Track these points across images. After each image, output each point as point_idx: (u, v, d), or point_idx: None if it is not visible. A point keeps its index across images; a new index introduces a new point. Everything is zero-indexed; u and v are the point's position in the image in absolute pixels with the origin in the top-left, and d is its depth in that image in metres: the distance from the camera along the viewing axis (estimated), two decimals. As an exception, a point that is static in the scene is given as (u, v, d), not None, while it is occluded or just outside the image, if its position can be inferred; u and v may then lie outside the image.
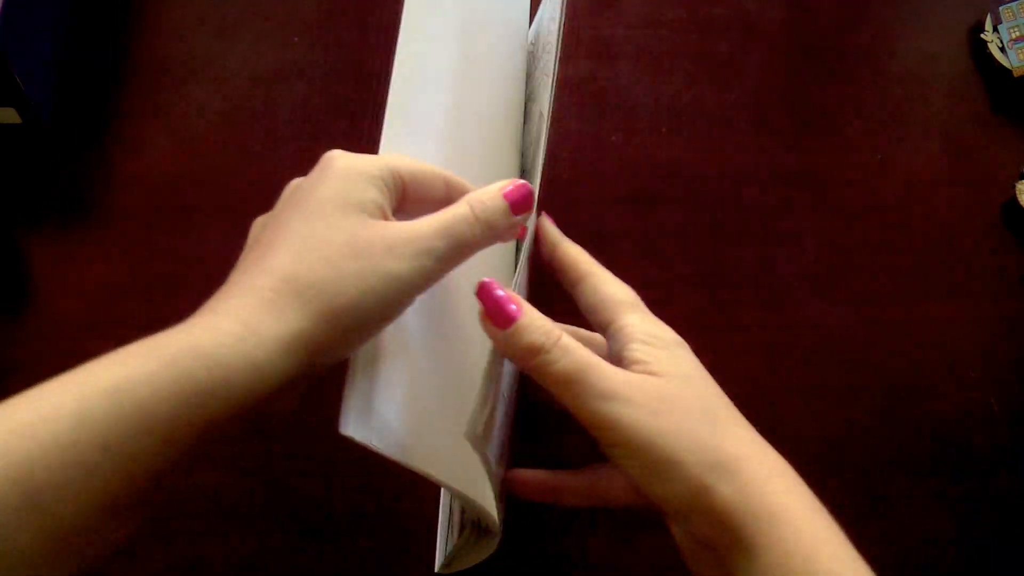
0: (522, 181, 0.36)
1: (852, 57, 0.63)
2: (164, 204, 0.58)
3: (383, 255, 0.32)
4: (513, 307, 0.34)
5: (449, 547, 0.48)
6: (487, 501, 0.39)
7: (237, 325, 0.30)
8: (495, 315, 0.34)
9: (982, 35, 0.62)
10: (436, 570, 0.48)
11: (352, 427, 0.32)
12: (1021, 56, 0.60)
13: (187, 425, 0.28)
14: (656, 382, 0.34)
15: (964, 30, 0.63)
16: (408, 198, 0.36)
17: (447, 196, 0.36)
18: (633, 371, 0.35)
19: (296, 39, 0.62)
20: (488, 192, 0.35)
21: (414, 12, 0.42)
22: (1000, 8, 0.61)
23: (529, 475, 0.40)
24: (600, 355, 0.35)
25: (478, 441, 0.34)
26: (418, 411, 0.35)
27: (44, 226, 0.57)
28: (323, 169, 0.34)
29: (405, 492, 0.51)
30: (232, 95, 0.61)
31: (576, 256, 0.40)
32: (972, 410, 0.54)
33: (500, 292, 0.34)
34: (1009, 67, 0.60)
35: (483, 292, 0.35)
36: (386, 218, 0.34)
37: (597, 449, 0.35)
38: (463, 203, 0.35)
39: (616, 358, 0.37)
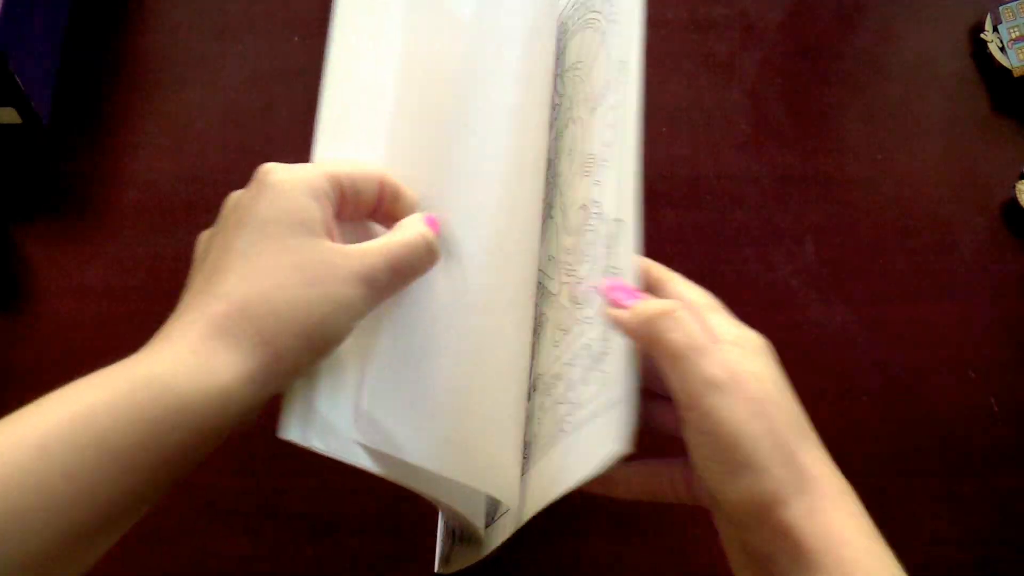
0: (428, 215, 0.38)
1: (852, 57, 0.63)
2: (164, 204, 0.57)
3: (333, 282, 0.33)
4: (633, 291, 0.36)
5: (443, 548, 0.48)
6: (467, 507, 0.40)
7: (192, 355, 0.30)
8: (624, 295, 0.35)
9: (982, 35, 0.62)
10: (436, 570, 0.48)
11: (291, 431, 0.33)
12: (1021, 56, 0.60)
13: (148, 454, 0.29)
14: (756, 385, 0.33)
15: (964, 30, 0.63)
16: (346, 203, 0.36)
17: (380, 198, 0.37)
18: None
19: (296, 39, 0.62)
20: (419, 219, 0.37)
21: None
22: (1000, 8, 0.61)
23: None
24: None
25: None
26: (378, 412, 0.36)
27: (44, 226, 0.57)
28: (262, 185, 0.34)
29: (405, 492, 0.51)
30: (232, 95, 0.61)
31: (648, 264, 0.39)
32: (972, 410, 0.54)
33: (618, 284, 0.36)
34: (1009, 67, 0.60)
35: (609, 289, 0.36)
36: (330, 233, 0.34)
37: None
38: (414, 228, 0.36)
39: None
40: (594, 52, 0.47)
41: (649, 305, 0.34)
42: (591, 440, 0.36)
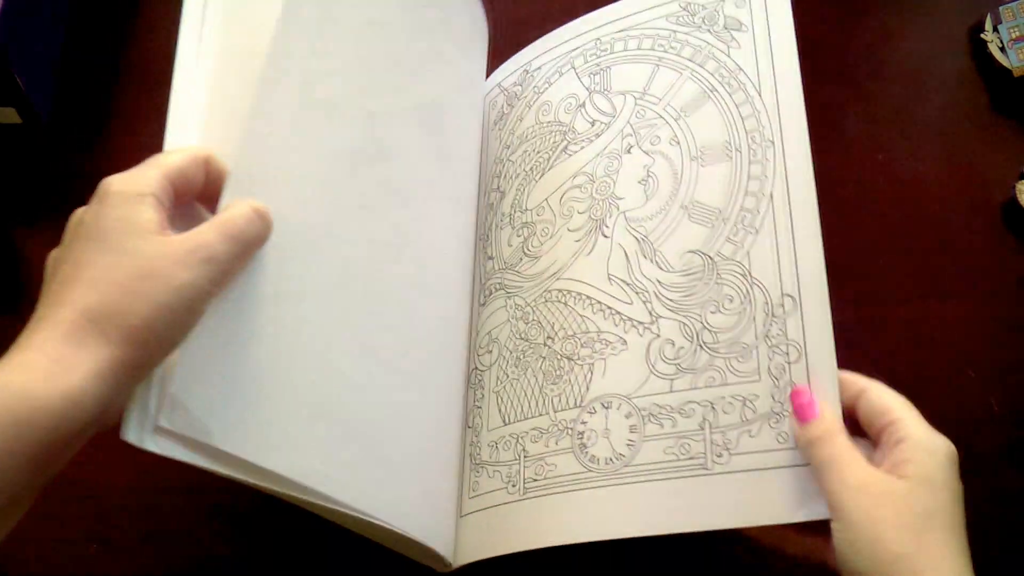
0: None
1: (852, 57, 0.63)
2: (164, 204, 0.57)
3: (170, 269, 0.35)
4: (816, 409, 0.41)
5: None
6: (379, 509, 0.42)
7: (44, 359, 0.33)
8: (809, 407, 0.41)
9: (982, 35, 0.62)
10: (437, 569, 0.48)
11: (129, 432, 0.35)
12: (1021, 56, 0.60)
13: (11, 456, 0.31)
14: (898, 485, 0.38)
15: (964, 30, 0.63)
16: (179, 192, 0.38)
17: (207, 181, 0.39)
18: (895, 470, 0.38)
19: (296, 39, 0.62)
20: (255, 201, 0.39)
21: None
22: (1000, 8, 0.61)
23: None
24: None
25: None
26: (186, 395, 0.37)
27: (44, 226, 0.57)
28: (100, 198, 0.37)
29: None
30: (232, 95, 0.60)
31: (847, 375, 0.43)
32: (972, 410, 0.54)
33: (806, 398, 0.41)
34: (1009, 67, 0.60)
35: (794, 395, 0.42)
36: (166, 230, 0.37)
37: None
38: (240, 202, 0.38)
39: (884, 456, 0.40)
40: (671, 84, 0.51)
41: (810, 431, 0.40)
42: (780, 488, 0.41)
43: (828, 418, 0.40)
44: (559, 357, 0.48)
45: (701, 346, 0.45)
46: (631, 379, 0.46)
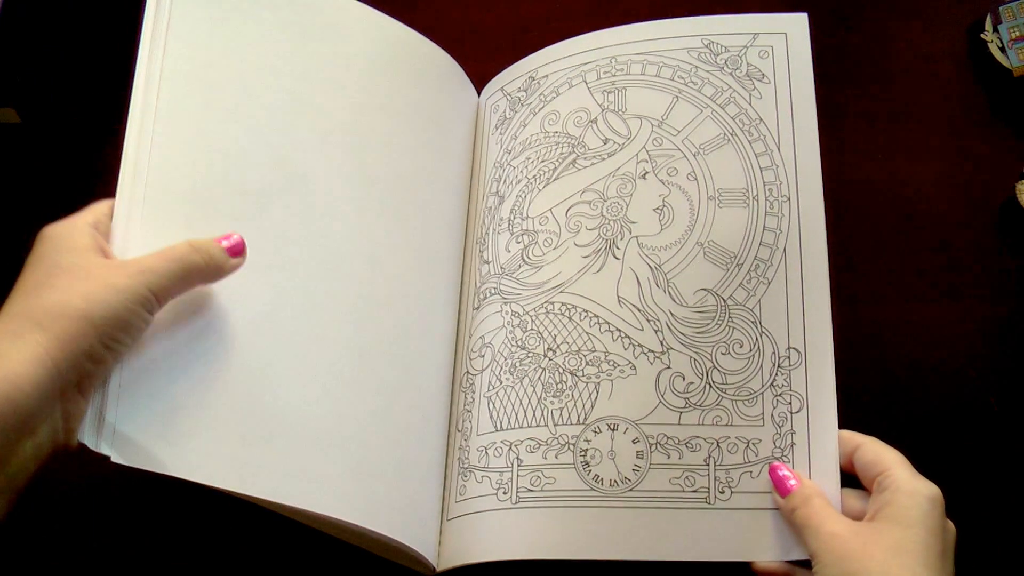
0: (236, 234, 0.43)
1: (852, 57, 0.63)
2: (164, 204, 0.57)
3: (109, 272, 0.38)
4: (792, 482, 0.44)
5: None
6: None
7: None
8: (787, 479, 0.44)
9: (982, 35, 0.62)
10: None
11: (86, 436, 0.37)
12: (1021, 56, 0.60)
13: None
14: (868, 527, 0.41)
15: (964, 30, 0.63)
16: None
17: None
18: (876, 515, 0.41)
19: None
20: (203, 238, 0.42)
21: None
22: (1000, 8, 0.61)
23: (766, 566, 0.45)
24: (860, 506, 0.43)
25: None
26: (186, 424, 0.40)
27: (44, 226, 0.57)
28: (41, 241, 0.40)
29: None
30: (232, 95, 0.60)
31: (844, 432, 0.46)
32: (972, 410, 0.54)
33: (782, 472, 0.44)
34: (1009, 67, 0.60)
35: (772, 471, 0.45)
36: (102, 254, 0.40)
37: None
38: (183, 241, 0.41)
39: (872, 504, 0.42)
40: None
41: (788, 502, 0.43)
42: (774, 529, 0.44)
43: (805, 486, 0.44)
44: (561, 371, 0.48)
45: (710, 384, 0.46)
46: (639, 405, 0.47)
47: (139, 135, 0.45)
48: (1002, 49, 0.61)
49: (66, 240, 0.39)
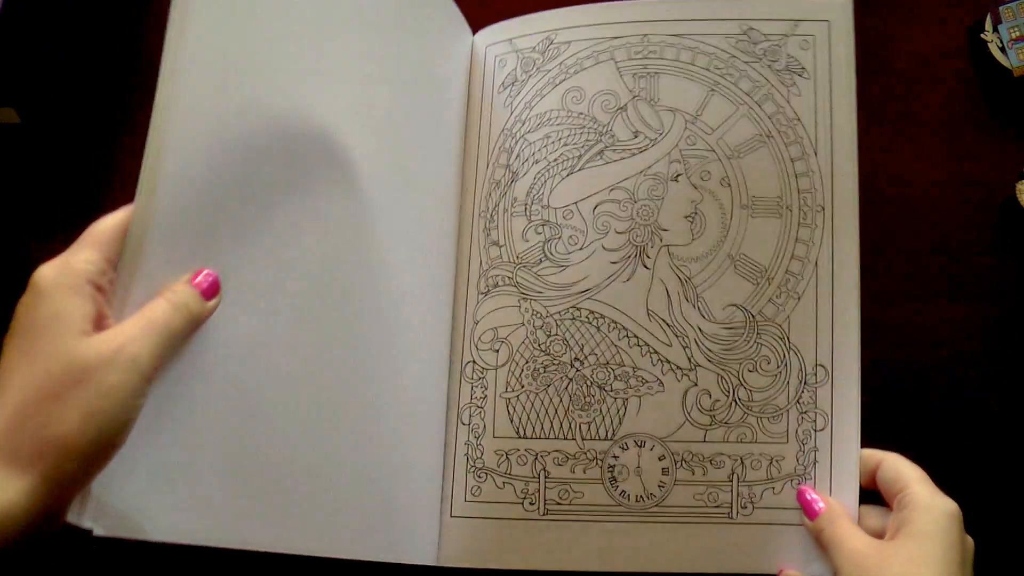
0: (206, 270, 0.40)
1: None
2: (164, 204, 0.57)
3: (100, 372, 0.35)
4: (820, 505, 0.45)
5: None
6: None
7: None
8: (814, 502, 0.45)
9: (982, 35, 0.62)
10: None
11: (69, 516, 0.36)
12: (1021, 56, 0.60)
13: None
14: (888, 544, 0.42)
15: (964, 30, 0.63)
16: (112, 264, 0.39)
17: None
18: (897, 532, 0.42)
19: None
20: (178, 281, 0.39)
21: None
22: (1000, 8, 0.61)
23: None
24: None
25: None
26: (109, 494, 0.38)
27: (44, 227, 0.57)
28: (31, 291, 0.37)
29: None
30: (232, 95, 0.60)
31: (867, 450, 0.47)
32: (972, 410, 0.54)
33: (810, 496, 0.46)
34: (1009, 67, 0.60)
35: (800, 495, 0.46)
36: (100, 320, 0.37)
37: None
38: (158, 297, 0.38)
39: (893, 520, 0.44)
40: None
41: (815, 524, 0.45)
42: (794, 543, 0.45)
43: (832, 507, 0.45)
44: (589, 384, 0.48)
45: (736, 402, 0.47)
46: (666, 422, 0.47)
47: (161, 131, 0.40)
48: (1002, 49, 0.61)
49: (62, 308, 0.36)
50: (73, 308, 0.36)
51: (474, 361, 0.50)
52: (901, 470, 0.44)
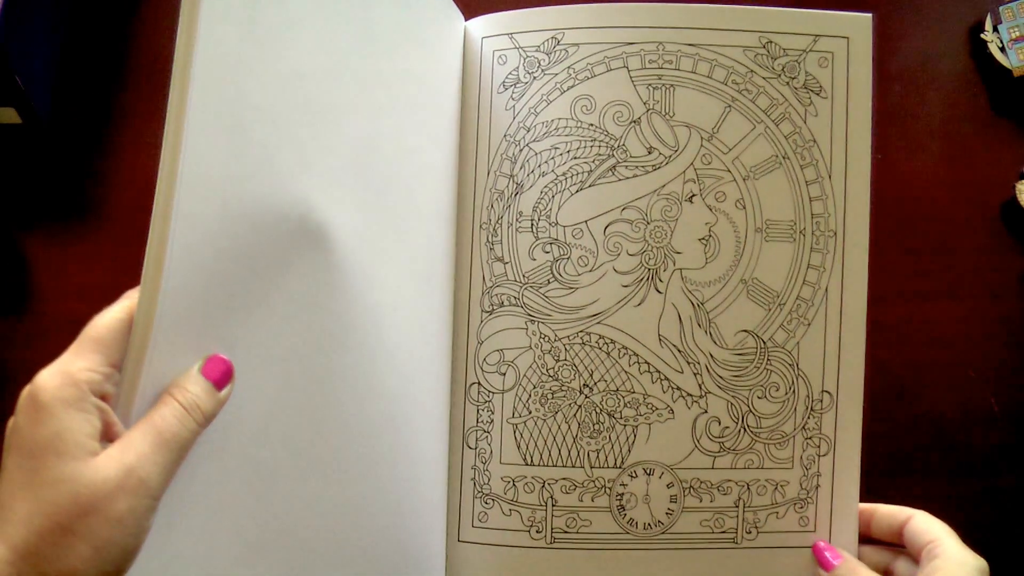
0: (215, 355, 0.37)
1: (852, 57, 0.63)
2: (164, 204, 0.57)
3: (110, 500, 0.33)
4: (836, 561, 0.45)
5: None
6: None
7: None
8: (831, 556, 0.46)
9: (982, 35, 0.62)
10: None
11: None
12: (1021, 56, 0.60)
13: None
14: None
15: (964, 30, 0.63)
16: (116, 367, 0.36)
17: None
18: None
19: (296, 39, 0.62)
20: (188, 377, 0.36)
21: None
22: (1000, 8, 0.61)
23: None
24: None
25: None
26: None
27: (44, 226, 0.57)
28: (30, 406, 0.34)
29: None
30: (232, 95, 0.60)
31: (895, 508, 0.47)
32: (972, 410, 0.54)
33: (827, 553, 0.46)
34: (1009, 67, 0.60)
35: (816, 550, 0.46)
36: (108, 429, 0.34)
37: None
38: (168, 398, 0.35)
39: (925, 571, 0.43)
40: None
41: (836, 573, 0.45)
42: (796, 566, 0.46)
43: (847, 561, 0.45)
44: (599, 411, 0.47)
45: (745, 428, 0.47)
46: (675, 450, 0.47)
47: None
48: (1002, 49, 0.61)
49: (65, 427, 0.33)
50: (77, 427, 0.33)
51: (479, 383, 0.48)
52: (930, 524, 0.45)
